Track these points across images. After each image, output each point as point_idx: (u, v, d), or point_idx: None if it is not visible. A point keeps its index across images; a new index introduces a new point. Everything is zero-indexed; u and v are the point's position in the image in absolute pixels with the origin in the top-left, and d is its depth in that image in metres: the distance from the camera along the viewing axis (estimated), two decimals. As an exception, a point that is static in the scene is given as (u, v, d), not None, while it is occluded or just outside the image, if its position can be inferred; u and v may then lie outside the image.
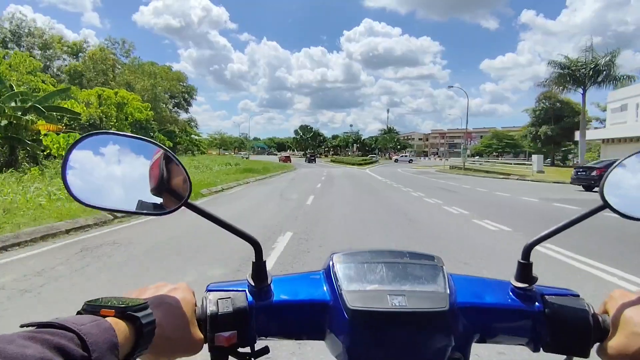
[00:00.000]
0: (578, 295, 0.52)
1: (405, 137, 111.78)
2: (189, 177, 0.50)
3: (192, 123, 58.30)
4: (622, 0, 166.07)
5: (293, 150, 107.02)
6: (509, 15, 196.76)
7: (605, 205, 0.49)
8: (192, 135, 48.28)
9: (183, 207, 0.50)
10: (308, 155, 61.96)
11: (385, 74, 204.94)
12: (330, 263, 0.54)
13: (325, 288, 0.52)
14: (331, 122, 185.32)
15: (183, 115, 53.19)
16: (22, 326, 0.30)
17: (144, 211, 0.50)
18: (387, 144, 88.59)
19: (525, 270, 0.52)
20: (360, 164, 51.35)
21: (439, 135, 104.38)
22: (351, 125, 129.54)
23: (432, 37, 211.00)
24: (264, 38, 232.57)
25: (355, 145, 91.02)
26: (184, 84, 54.20)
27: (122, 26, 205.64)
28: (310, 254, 4.72)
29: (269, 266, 0.53)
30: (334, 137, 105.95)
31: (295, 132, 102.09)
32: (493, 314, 0.52)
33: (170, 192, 0.50)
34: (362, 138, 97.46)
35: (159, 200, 0.50)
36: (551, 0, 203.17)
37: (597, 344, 0.48)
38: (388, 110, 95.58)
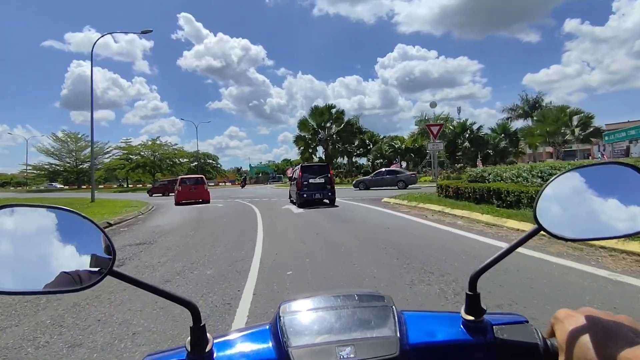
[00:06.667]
0: (527, 321, 0.52)
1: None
2: (111, 243, 0.47)
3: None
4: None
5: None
6: (550, 26, 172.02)
7: (540, 227, 0.49)
8: None
9: (108, 276, 0.46)
10: (299, 180, 10.63)
11: (422, 97, 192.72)
12: (278, 315, 0.52)
13: (271, 345, 0.50)
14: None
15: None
16: None
17: (60, 289, 0.44)
18: (554, 130, 31.64)
19: (473, 302, 0.52)
20: None
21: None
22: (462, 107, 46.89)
23: (470, 56, 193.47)
24: (299, 72, 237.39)
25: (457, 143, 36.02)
26: None
27: (168, 71, 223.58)
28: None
29: None
30: (394, 138, 48.52)
31: (301, 124, 40.05)
32: (446, 351, 0.51)
33: (90, 263, 0.45)
34: (478, 126, 38.31)
35: (76, 274, 0.44)
36: (596, 7, 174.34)
37: None
38: (460, 110, 39.87)
